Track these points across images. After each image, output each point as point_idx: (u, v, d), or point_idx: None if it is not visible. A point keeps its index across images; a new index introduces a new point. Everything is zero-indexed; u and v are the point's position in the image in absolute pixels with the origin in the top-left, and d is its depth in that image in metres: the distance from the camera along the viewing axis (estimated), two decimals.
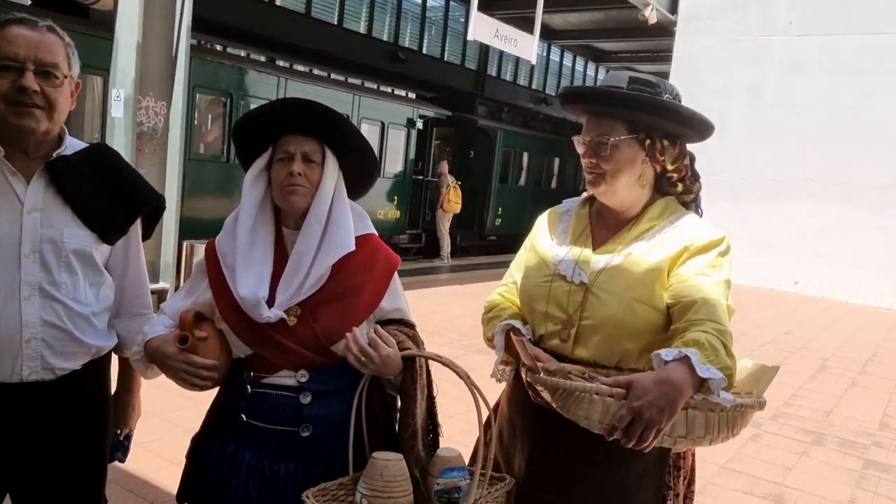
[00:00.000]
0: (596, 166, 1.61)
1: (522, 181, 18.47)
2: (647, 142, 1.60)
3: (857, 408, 5.62)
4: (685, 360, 1.32)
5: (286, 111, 1.66)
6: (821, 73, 12.14)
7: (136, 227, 1.76)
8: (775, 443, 4.60)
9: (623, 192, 1.64)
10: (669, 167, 1.64)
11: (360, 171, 1.75)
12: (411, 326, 1.74)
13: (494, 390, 1.79)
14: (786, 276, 12.14)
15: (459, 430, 2.32)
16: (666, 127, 1.61)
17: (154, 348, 1.64)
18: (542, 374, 1.35)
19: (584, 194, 1.82)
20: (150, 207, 1.76)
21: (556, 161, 19.92)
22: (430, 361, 1.65)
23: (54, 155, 1.61)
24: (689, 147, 1.69)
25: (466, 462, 1.64)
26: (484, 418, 1.53)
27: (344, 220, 1.65)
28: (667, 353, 1.34)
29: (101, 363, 1.73)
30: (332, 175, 1.66)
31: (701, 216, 1.73)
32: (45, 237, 1.57)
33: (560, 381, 1.32)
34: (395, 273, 1.74)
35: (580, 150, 1.65)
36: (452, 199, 14.07)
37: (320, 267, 1.61)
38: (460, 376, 1.53)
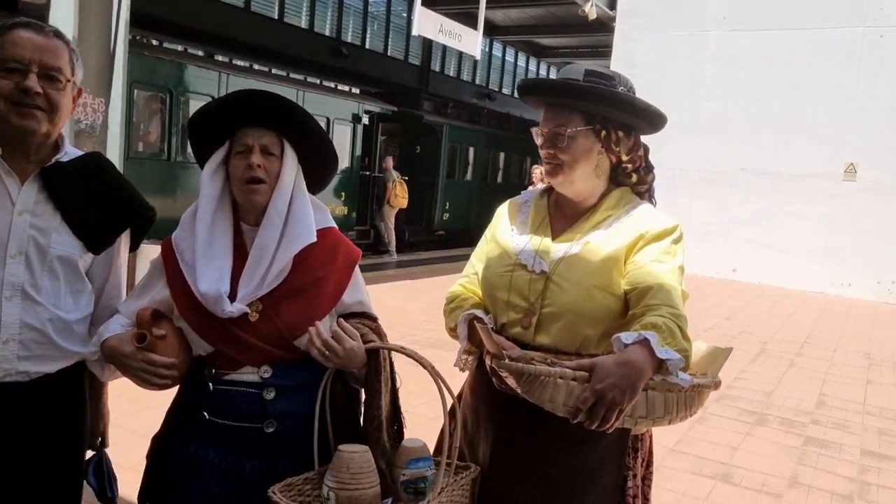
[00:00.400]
0: (554, 157, 1.65)
1: (469, 176, 18.58)
2: (603, 133, 1.65)
3: (795, 388, 5.87)
4: (644, 342, 1.37)
5: (243, 103, 1.64)
6: (753, 67, 12.59)
7: (124, 239, 1.76)
8: (721, 424, 4.78)
9: (580, 183, 1.69)
10: (624, 158, 1.69)
11: (319, 163, 1.74)
12: (374, 319, 1.75)
13: (454, 382, 1.82)
14: (724, 264, 12.56)
15: (420, 422, 2.34)
16: (621, 118, 1.66)
17: (111, 348, 1.61)
18: (506, 361, 1.38)
19: (540, 185, 1.86)
20: (139, 220, 1.76)
21: (502, 156, 20.11)
22: (393, 354, 1.66)
23: (52, 160, 1.61)
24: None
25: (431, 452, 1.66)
26: (448, 407, 1.56)
27: (305, 213, 1.64)
28: (626, 337, 1.39)
29: (76, 370, 1.70)
30: (292, 167, 1.65)
31: (654, 206, 1.79)
32: (32, 240, 1.57)
33: (525, 366, 1.35)
34: (357, 266, 1.74)
35: (538, 141, 1.69)
36: (399, 194, 14.11)
37: (282, 259, 1.60)
38: (424, 367, 1.55)
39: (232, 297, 1.58)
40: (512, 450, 1.69)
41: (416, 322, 6.86)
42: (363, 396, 1.69)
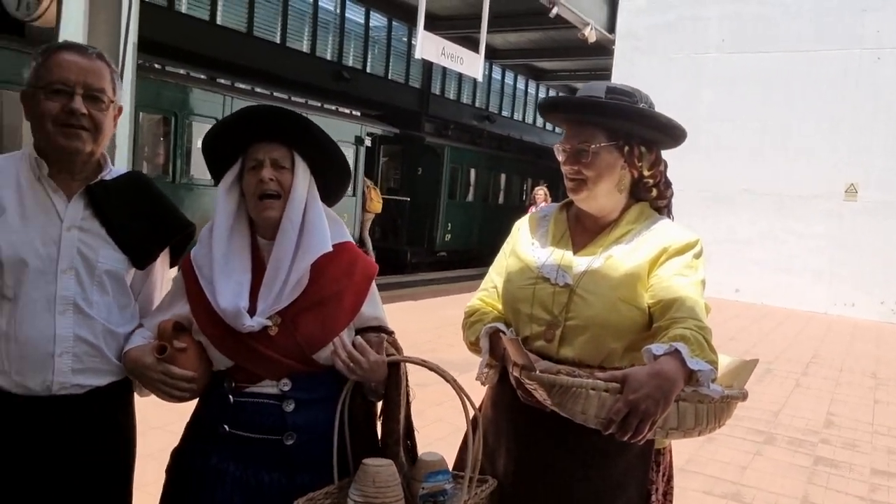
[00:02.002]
0: (577, 172, 1.67)
1: (470, 197, 18.65)
2: (626, 148, 1.67)
3: (803, 407, 5.85)
4: (675, 353, 1.37)
5: (252, 119, 1.66)
6: (752, 89, 12.70)
7: (164, 254, 1.79)
8: (730, 443, 4.75)
9: (603, 198, 1.70)
10: (646, 173, 1.72)
11: (332, 176, 1.76)
12: (390, 333, 1.76)
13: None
14: (727, 284, 12.55)
15: (430, 441, 2.33)
16: (643, 133, 1.68)
17: (132, 360, 1.62)
18: (537, 373, 1.38)
19: (541, 205, 1.88)
20: (180, 235, 1.80)
21: (503, 177, 20.20)
22: (409, 367, 1.67)
23: (97, 178, 1.66)
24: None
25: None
26: (472, 418, 1.56)
27: (319, 223, 1.66)
28: (657, 348, 1.40)
29: (125, 382, 1.72)
30: (304, 180, 1.67)
31: (672, 220, 1.81)
32: (81, 255, 1.61)
33: (557, 377, 1.36)
34: (374, 280, 1.75)
35: (561, 157, 1.71)
36: (374, 199, 14.40)
37: (298, 270, 1.61)
38: (447, 380, 1.56)
39: (251, 311, 1.59)
40: (535, 464, 1.69)
41: (420, 342, 6.84)
42: (382, 410, 1.69)
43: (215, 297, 1.59)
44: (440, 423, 1.49)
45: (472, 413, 1.54)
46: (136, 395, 1.79)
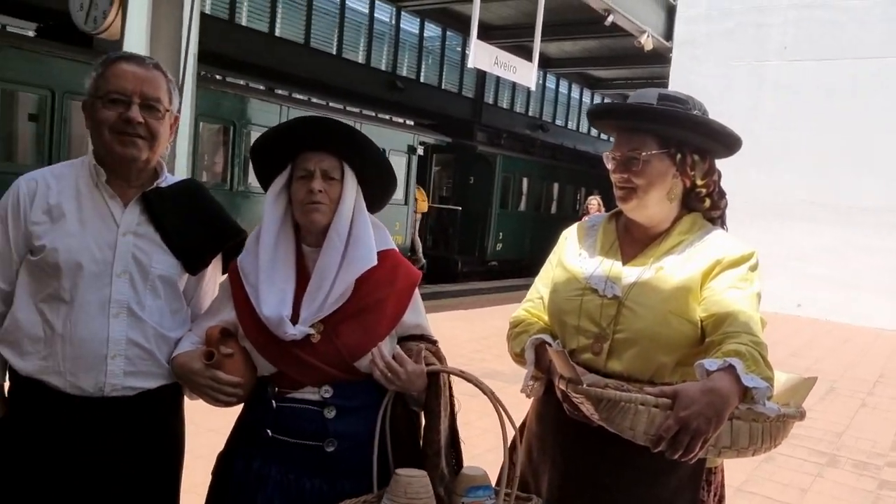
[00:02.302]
0: (627, 181, 1.62)
1: (522, 206, 18.54)
2: (678, 156, 1.62)
3: (868, 428, 5.58)
4: (730, 369, 1.32)
5: (304, 128, 1.67)
6: (816, 97, 12.28)
7: (214, 262, 1.82)
8: (789, 464, 4.56)
9: (654, 208, 1.65)
10: (699, 182, 1.66)
11: (378, 186, 1.76)
12: (433, 342, 1.75)
13: (514, 412, 1.79)
14: (788, 299, 12.12)
15: (478, 453, 2.30)
16: (696, 141, 1.63)
17: (180, 364, 1.65)
18: (584, 386, 1.34)
19: (591, 215, 1.84)
20: (232, 242, 1.82)
21: (556, 186, 20.03)
22: (453, 379, 1.65)
23: (153, 185, 1.71)
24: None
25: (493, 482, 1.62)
26: (508, 435, 1.52)
27: (366, 236, 1.66)
28: (710, 364, 1.34)
29: (176, 386, 1.76)
30: (352, 191, 1.67)
31: (726, 232, 1.75)
32: (135, 260, 1.65)
33: (605, 391, 1.32)
34: (416, 288, 1.74)
35: (610, 165, 1.67)
36: (419, 199, 14.60)
37: (343, 282, 1.61)
38: (485, 393, 1.53)
39: (295, 318, 1.60)
40: (581, 480, 1.64)
41: (470, 352, 6.82)
42: (423, 420, 1.68)
43: (259, 304, 1.61)
44: (488, 434, 1.47)
45: (508, 427, 1.50)
46: (185, 398, 1.82)
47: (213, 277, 1.85)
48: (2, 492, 1.65)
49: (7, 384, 1.70)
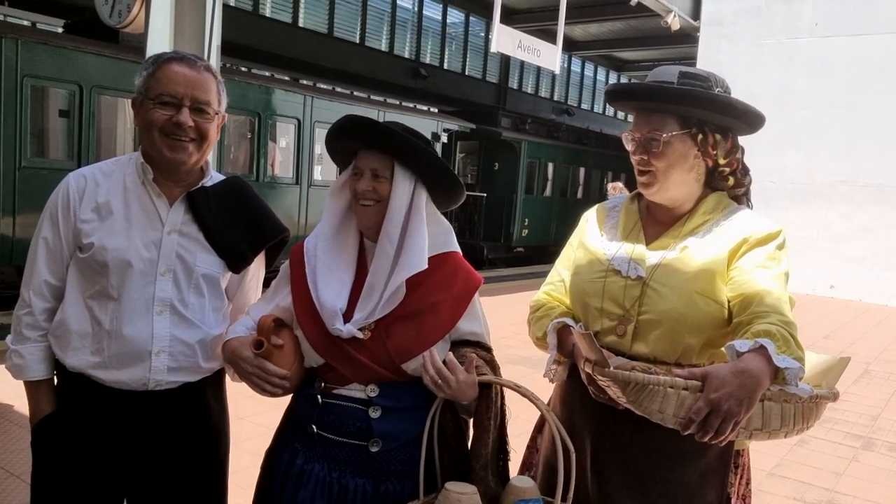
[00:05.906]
0: (647, 163, 1.59)
1: (548, 192, 18.41)
2: (700, 136, 1.58)
3: None
4: (761, 350, 1.29)
5: (355, 129, 1.65)
6: (849, 74, 11.96)
7: (258, 259, 1.83)
8: (823, 448, 4.49)
9: (675, 189, 1.62)
10: (722, 161, 1.62)
11: (436, 185, 1.69)
12: (488, 350, 1.70)
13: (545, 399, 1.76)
14: (821, 280, 11.92)
15: (513, 434, 2.28)
16: (718, 120, 1.59)
17: (231, 350, 1.65)
18: (611, 369, 1.32)
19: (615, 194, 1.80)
20: (276, 240, 1.83)
21: (582, 171, 19.83)
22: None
23: (199, 184, 1.72)
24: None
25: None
26: (561, 449, 1.46)
27: (419, 239, 1.61)
28: (741, 345, 1.31)
29: (218, 377, 1.78)
30: (404, 190, 1.62)
31: (752, 210, 1.70)
32: (180, 258, 1.67)
33: (633, 374, 1.29)
34: (476, 294, 1.70)
35: (629, 147, 1.63)
36: None
37: (393, 286, 1.59)
38: (539, 408, 1.51)
39: (349, 315, 1.59)
40: (608, 465, 1.62)
41: (497, 339, 6.76)
42: (471, 430, 1.65)
43: (317, 290, 1.61)
44: (518, 421, 1.46)
45: (568, 443, 1.46)
46: (226, 388, 1.84)
47: (256, 275, 1.86)
48: (55, 485, 1.68)
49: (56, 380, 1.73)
